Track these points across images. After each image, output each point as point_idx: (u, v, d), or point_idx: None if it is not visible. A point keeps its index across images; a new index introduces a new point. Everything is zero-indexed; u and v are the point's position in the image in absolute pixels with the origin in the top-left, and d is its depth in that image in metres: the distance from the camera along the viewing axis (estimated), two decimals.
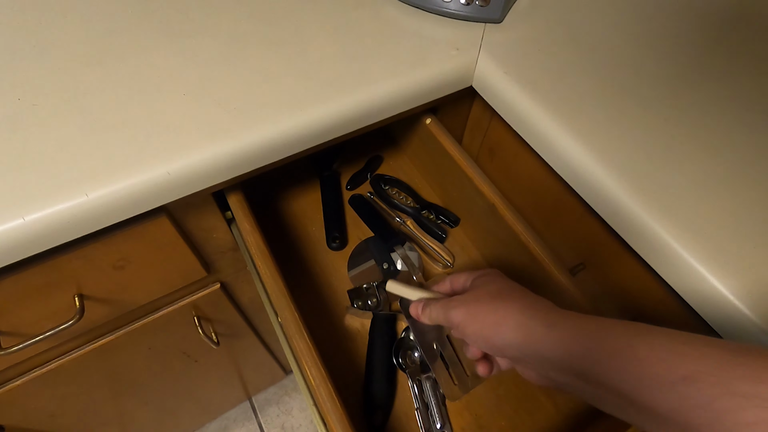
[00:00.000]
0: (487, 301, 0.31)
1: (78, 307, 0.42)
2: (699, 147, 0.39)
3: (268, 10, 0.49)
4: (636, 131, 0.40)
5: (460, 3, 0.48)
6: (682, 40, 0.49)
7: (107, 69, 0.42)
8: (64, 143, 0.36)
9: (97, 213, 0.35)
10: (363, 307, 0.48)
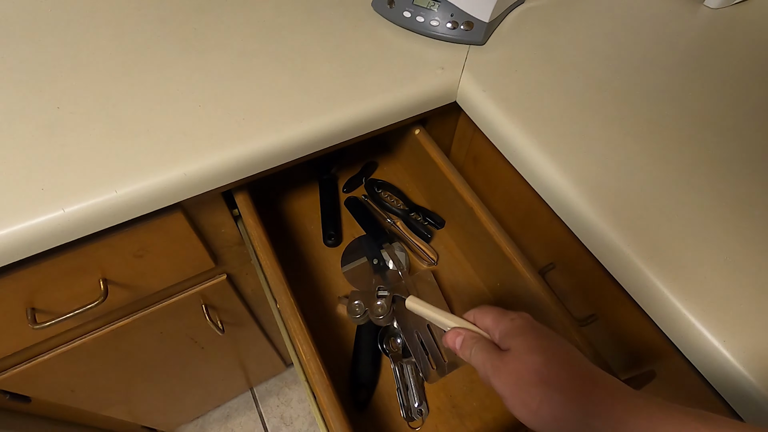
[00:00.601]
0: (533, 384, 0.28)
1: (102, 290, 0.48)
2: (653, 160, 0.44)
3: (274, 30, 0.54)
4: (598, 145, 0.45)
5: (446, 27, 0.53)
6: (649, 63, 0.54)
7: (133, 82, 0.48)
8: (96, 146, 0.42)
9: (123, 207, 0.40)
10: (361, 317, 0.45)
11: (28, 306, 0.46)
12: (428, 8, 0.53)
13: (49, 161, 0.41)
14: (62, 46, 0.51)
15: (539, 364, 0.28)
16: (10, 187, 0.39)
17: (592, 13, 0.60)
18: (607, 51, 0.55)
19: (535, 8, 0.60)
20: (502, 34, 0.57)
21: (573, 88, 0.50)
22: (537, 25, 0.58)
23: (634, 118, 0.48)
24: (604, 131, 0.46)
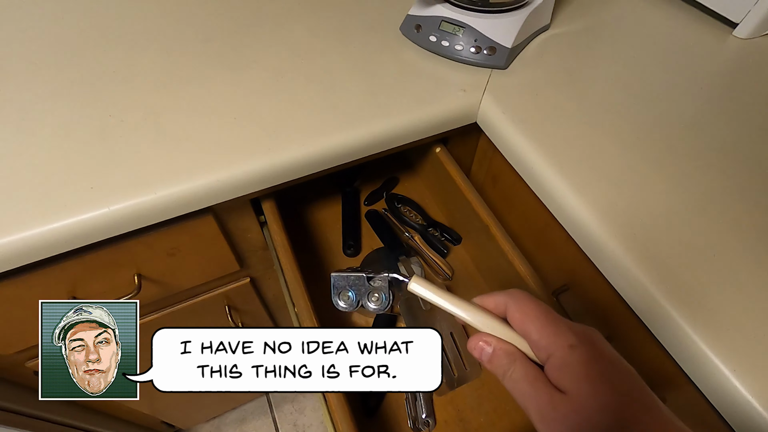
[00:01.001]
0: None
1: (137, 284, 0.51)
2: (671, 187, 0.44)
3: (307, 51, 0.58)
4: (616, 171, 0.46)
5: (470, 51, 0.56)
6: (673, 91, 0.54)
7: (176, 94, 0.52)
8: (140, 152, 0.46)
9: (161, 208, 0.44)
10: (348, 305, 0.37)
11: (70, 295, 0.50)
12: (453, 33, 0.56)
13: (99, 163, 0.45)
14: (115, 60, 0.56)
15: (612, 428, 0.22)
16: (65, 185, 0.43)
17: (617, 41, 0.62)
18: (631, 78, 0.56)
19: (559, 35, 0.62)
20: (525, 58, 0.59)
21: (593, 113, 0.51)
22: (560, 51, 0.59)
23: (654, 145, 0.48)
24: (622, 157, 0.47)
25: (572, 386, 0.23)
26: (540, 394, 0.24)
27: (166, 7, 0.64)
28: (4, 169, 0.44)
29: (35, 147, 0.46)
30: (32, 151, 0.46)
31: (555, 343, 0.24)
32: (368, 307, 0.35)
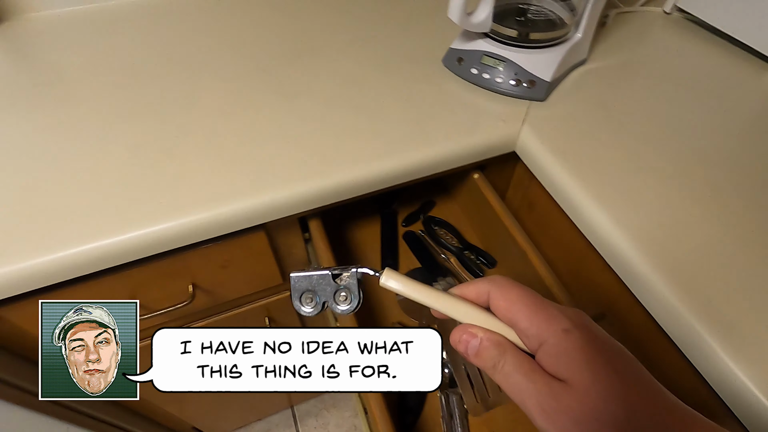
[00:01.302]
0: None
1: (191, 293, 0.55)
2: (709, 220, 0.45)
3: (354, 80, 0.62)
4: (654, 203, 0.47)
5: (510, 84, 0.58)
6: (711, 127, 0.55)
7: (235, 119, 0.57)
8: (203, 171, 0.50)
9: (222, 223, 0.48)
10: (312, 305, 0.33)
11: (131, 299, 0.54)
12: (494, 66, 0.59)
13: (168, 181, 0.49)
14: (180, 87, 0.61)
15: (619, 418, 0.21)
16: (138, 199, 0.47)
17: (654, 77, 0.63)
18: (667, 113, 0.57)
19: (597, 69, 0.64)
20: (563, 91, 0.61)
21: (630, 146, 0.53)
22: (598, 85, 0.62)
23: (691, 178, 0.49)
24: (661, 190, 0.48)
25: (572, 374, 0.22)
26: (538, 386, 0.22)
27: (227, 38, 0.70)
28: (85, 182, 0.49)
29: (112, 163, 0.51)
30: (109, 167, 0.50)
31: (547, 329, 0.23)
32: (336, 308, 0.31)
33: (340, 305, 0.31)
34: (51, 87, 0.61)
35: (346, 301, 0.31)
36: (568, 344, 0.22)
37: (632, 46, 0.69)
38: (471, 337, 0.25)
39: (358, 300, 0.31)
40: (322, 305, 0.31)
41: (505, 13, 0.60)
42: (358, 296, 0.31)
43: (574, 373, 0.22)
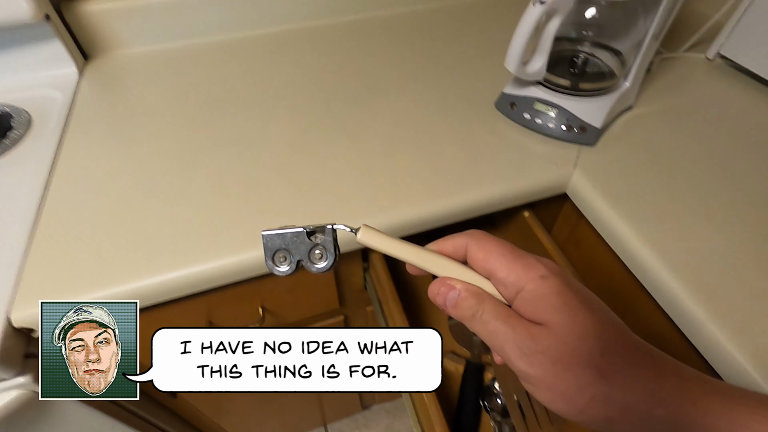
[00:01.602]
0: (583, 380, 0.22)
1: (261, 315, 0.60)
2: (760, 266, 0.48)
3: (412, 120, 0.67)
4: (705, 248, 0.50)
5: (561, 129, 0.62)
6: (757, 174, 0.58)
7: (305, 155, 0.62)
8: (280, 202, 0.55)
9: None
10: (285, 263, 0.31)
11: (207, 321, 0.59)
12: (546, 112, 0.63)
13: (250, 212, 0.55)
14: (255, 123, 0.67)
15: (595, 354, 0.22)
16: (225, 229, 0.53)
17: (698, 122, 0.66)
18: (713, 158, 0.60)
19: (643, 114, 0.68)
20: (611, 136, 0.64)
21: (679, 190, 0.56)
22: (645, 131, 0.65)
23: (743, 225, 0.52)
24: (712, 234, 0.51)
25: (550, 317, 0.23)
26: (517, 331, 0.23)
27: (296, 78, 0.76)
28: (172, 213, 0.55)
29: (196, 194, 0.56)
30: (194, 198, 0.56)
31: (525, 276, 0.24)
32: (311, 267, 0.30)
33: (315, 263, 0.30)
34: (138, 120, 0.68)
35: (322, 259, 0.30)
36: (545, 289, 0.24)
37: (676, 91, 0.72)
38: (449, 289, 0.26)
39: (334, 257, 0.30)
40: (297, 264, 0.30)
41: (557, 60, 0.64)
42: (333, 254, 0.30)
43: (552, 315, 0.23)
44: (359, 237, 0.29)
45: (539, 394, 0.23)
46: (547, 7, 0.53)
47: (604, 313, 0.24)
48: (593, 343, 0.22)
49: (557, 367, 0.22)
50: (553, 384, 0.22)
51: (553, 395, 0.23)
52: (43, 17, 0.68)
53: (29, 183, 0.58)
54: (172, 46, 0.84)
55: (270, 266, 0.30)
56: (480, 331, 0.25)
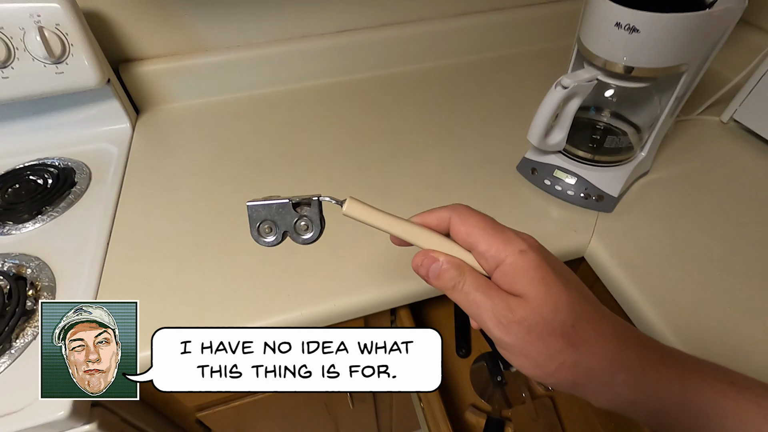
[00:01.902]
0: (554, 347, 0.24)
1: None
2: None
3: (438, 181, 0.72)
4: (719, 323, 0.53)
5: (580, 196, 0.66)
6: (764, 243, 0.61)
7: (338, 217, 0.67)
8: (319, 266, 0.60)
9: (335, 314, 0.57)
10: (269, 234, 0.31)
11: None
12: (565, 180, 0.67)
13: (291, 274, 0.60)
14: (291, 178, 0.73)
15: (567, 324, 0.24)
16: (268, 291, 0.58)
17: (712, 189, 0.69)
18: (727, 228, 0.63)
19: (658, 180, 0.71)
20: (627, 202, 0.68)
21: (693, 262, 0.59)
22: (660, 197, 0.68)
23: (758, 303, 0.55)
24: (726, 310, 0.54)
25: (527, 289, 0.25)
26: (495, 301, 0.25)
27: (328, 135, 0.82)
28: (220, 272, 0.60)
29: (241, 253, 0.62)
30: (240, 257, 0.61)
31: (505, 250, 0.26)
32: (297, 238, 0.30)
33: (301, 235, 0.30)
34: (184, 173, 0.74)
35: (308, 231, 0.30)
36: (523, 263, 0.25)
37: (691, 156, 0.75)
38: (432, 261, 0.27)
39: (320, 229, 0.30)
40: (282, 235, 0.30)
41: (577, 128, 0.68)
42: (319, 225, 0.30)
43: (529, 288, 0.25)
44: (345, 209, 0.29)
45: (514, 359, 0.25)
46: (568, 92, 0.57)
47: (577, 288, 0.26)
48: (566, 315, 0.24)
49: (531, 336, 0.24)
50: (526, 350, 0.24)
51: (526, 360, 0.25)
52: (105, 82, 0.75)
53: (94, 237, 0.64)
54: (214, 100, 0.90)
55: (255, 236, 0.30)
56: (460, 300, 0.27)
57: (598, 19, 0.53)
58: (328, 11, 0.88)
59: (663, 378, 0.25)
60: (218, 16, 0.83)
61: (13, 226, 0.66)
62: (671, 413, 0.24)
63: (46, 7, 0.65)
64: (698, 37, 0.51)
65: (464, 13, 0.96)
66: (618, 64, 0.54)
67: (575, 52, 0.62)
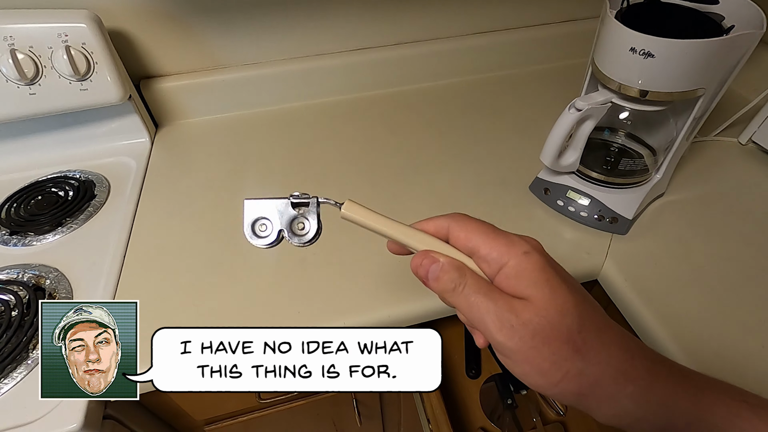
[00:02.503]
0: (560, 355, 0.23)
1: None
2: None
3: (450, 200, 0.72)
4: (735, 353, 0.52)
5: (593, 218, 0.66)
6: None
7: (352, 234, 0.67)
8: (329, 284, 0.60)
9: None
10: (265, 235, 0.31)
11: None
12: (578, 201, 0.67)
13: (302, 291, 0.60)
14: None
15: (573, 330, 0.23)
16: (280, 308, 0.58)
17: (730, 213, 0.68)
18: (743, 253, 0.62)
19: (674, 202, 0.70)
20: (642, 224, 0.67)
21: (710, 288, 0.58)
22: (676, 220, 0.67)
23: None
24: (743, 340, 0.53)
25: (532, 291, 0.24)
26: (498, 304, 0.24)
27: (342, 151, 0.82)
28: (231, 285, 0.61)
29: (255, 268, 0.63)
30: (252, 272, 0.62)
31: (508, 253, 0.25)
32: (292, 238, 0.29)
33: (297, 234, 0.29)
34: (200, 187, 0.76)
35: (303, 230, 0.29)
36: (528, 265, 0.25)
37: (708, 178, 0.74)
38: (432, 262, 0.26)
39: (317, 230, 0.29)
40: (278, 234, 0.29)
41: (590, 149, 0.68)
42: (316, 226, 0.29)
43: (534, 290, 0.24)
44: (343, 211, 0.28)
45: (516, 367, 0.24)
46: (581, 114, 0.57)
47: (581, 292, 0.25)
48: (572, 319, 0.23)
49: (536, 340, 0.23)
50: (530, 357, 0.23)
51: (530, 368, 0.23)
52: (127, 98, 0.77)
53: (111, 250, 0.65)
54: (231, 115, 0.92)
55: (248, 235, 0.28)
56: (461, 303, 0.25)
57: (613, 43, 0.53)
58: (344, 30, 0.90)
59: (673, 393, 0.24)
60: (236, 35, 0.85)
61: (35, 237, 0.67)
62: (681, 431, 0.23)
63: (74, 27, 0.68)
64: (715, 63, 0.51)
65: (478, 32, 0.97)
66: (633, 87, 0.54)
67: (589, 73, 0.62)
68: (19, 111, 0.71)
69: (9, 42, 0.66)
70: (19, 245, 0.66)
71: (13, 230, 0.68)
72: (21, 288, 0.59)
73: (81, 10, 0.69)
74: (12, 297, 0.58)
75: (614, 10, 0.55)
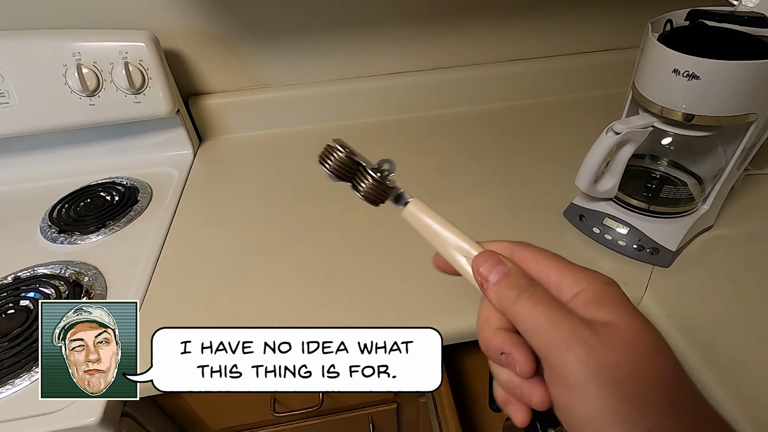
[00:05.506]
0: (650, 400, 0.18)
1: (320, 399, 0.63)
2: None
3: (483, 222, 0.70)
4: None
5: (632, 248, 0.62)
6: None
7: (374, 254, 0.67)
8: (351, 297, 0.60)
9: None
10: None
11: (271, 397, 0.64)
12: (616, 229, 0.63)
13: (324, 303, 0.60)
14: (332, 214, 0.74)
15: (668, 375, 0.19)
16: (302, 320, 0.58)
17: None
18: None
19: (723, 237, 0.65)
20: (687, 258, 0.62)
21: (761, 332, 0.52)
22: (726, 256, 0.62)
23: None
24: None
25: (617, 317, 0.20)
26: (573, 319, 0.20)
27: None
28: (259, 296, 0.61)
29: (279, 279, 0.63)
30: (276, 283, 0.62)
31: (587, 279, 0.22)
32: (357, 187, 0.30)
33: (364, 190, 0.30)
34: (236, 198, 0.78)
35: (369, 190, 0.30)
36: (612, 292, 0.22)
37: (762, 213, 0.69)
38: (499, 262, 0.24)
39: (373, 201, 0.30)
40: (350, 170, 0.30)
41: (630, 175, 0.65)
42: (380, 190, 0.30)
43: (622, 315, 0.20)
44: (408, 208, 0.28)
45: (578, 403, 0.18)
46: (620, 138, 0.55)
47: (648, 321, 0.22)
48: (668, 359, 0.19)
49: (619, 372, 0.18)
50: (604, 393, 0.18)
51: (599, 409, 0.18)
52: (175, 112, 0.82)
53: (146, 253, 0.68)
54: (270, 133, 0.96)
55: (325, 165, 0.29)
56: (524, 312, 0.22)
57: (655, 65, 0.52)
58: (381, 54, 0.93)
59: None
60: (279, 57, 0.90)
61: (80, 237, 0.71)
62: None
63: (134, 46, 0.74)
64: (767, 86, 0.48)
65: (515, 59, 0.97)
66: (677, 111, 0.52)
67: (630, 97, 0.60)
68: (79, 120, 0.77)
69: (76, 57, 0.73)
70: (65, 243, 0.71)
71: (62, 229, 0.73)
72: (62, 283, 0.62)
73: (141, 31, 0.75)
74: (53, 291, 0.61)
75: (657, 33, 0.53)
